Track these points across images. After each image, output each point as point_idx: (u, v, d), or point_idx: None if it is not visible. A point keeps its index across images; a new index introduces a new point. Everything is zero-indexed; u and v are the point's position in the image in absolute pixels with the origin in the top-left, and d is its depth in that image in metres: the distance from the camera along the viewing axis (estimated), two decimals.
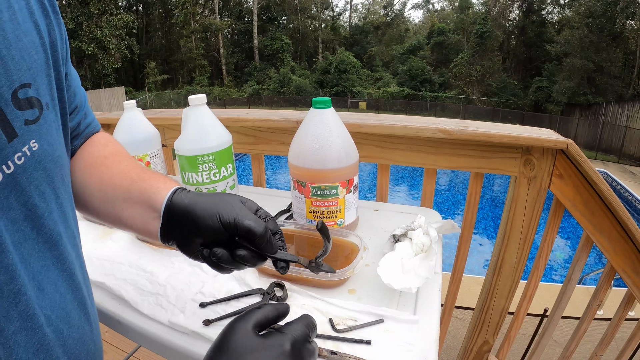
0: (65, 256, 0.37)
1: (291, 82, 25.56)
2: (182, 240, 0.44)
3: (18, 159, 0.31)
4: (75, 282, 0.39)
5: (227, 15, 31.09)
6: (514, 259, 1.01)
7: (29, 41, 0.34)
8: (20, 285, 0.31)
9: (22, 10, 0.34)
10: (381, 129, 0.97)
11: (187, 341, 0.55)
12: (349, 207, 0.78)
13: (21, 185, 0.32)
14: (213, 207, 0.43)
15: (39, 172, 0.34)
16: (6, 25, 0.31)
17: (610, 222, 0.92)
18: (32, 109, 0.33)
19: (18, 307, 0.31)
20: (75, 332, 0.38)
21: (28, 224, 0.33)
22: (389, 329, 0.55)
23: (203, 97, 0.85)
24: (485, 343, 1.16)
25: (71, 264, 0.38)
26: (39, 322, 0.33)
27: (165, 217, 0.44)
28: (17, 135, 0.31)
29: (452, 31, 27.40)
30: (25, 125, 0.32)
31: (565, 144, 0.84)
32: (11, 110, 0.31)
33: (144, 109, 1.06)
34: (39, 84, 0.35)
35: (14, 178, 0.31)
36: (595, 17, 16.97)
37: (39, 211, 0.34)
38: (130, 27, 20.82)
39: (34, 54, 0.34)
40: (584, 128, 15.61)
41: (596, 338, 1.17)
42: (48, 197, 0.35)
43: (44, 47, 0.36)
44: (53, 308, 0.35)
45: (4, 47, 0.31)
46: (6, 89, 0.30)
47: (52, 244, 0.35)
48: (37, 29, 0.35)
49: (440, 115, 20.52)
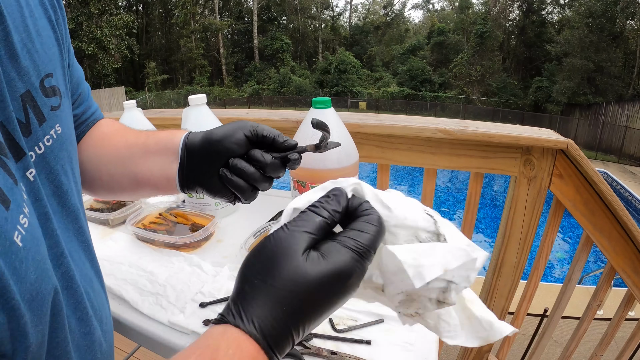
0: (83, 229, 0.41)
1: (291, 82, 25.56)
2: (203, 169, 0.45)
3: (47, 140, 0.35)
4: (92, 253, 0.43)
5: (227, 15, 31.08)
6: (514, 259, 1.01)
7: (46, 35, 0.37)
8: (62, 249, 0.35)
9: (37, 7, 0.37)
10: (381, 129, 0.97)
11: (187, 341, 0.55)
12: None
13: (50, 164, 0.35)
14: (231, 125, 0.45)
15: (63, 152, 0.37)
16: (28, 21, 0.34)
17: (610, 222, 0.92)
18: (55, 96, 0.36)
19: (61, 268, 0.34)
20: (98, 296, 0.41)
21: (55, 199, 0.36)
22: (389, 329, 0.55)
23: (203, 97, 0.85)
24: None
25: (87, 237, 0.42)
26: (77, 282, 0.36)
27: (184, 151, 0.46)
28: (46, 119, 0.34)
29: (452, 31, 27.39)
30: (51, 111, 0.35)
31: (565, 144, 0.84)
32: (40, 97, 0.34)
33: (144, 109, 1.06)
34: (58, 74, 0.38)
35: (44, 158, 0.34)
36: (595, 17, 16.97)
37: (64, 187, 0.37)
38: (130, 27, 20.83)
39: (51, 47, 0.37)
40: (584, 128, 15.61)
41: (596, 338, 1.17)
42: (69, 175, 0.39)
43: (58, 40, 0.39)
44: (81, 274, 0.38)
45: (29, 41, 0.33)
46: (35, 78, 0.33)
47: (73, 218, 0.39)
48: (50, 23, 0.38)
49: (440, 115, 20.52)
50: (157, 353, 0.58)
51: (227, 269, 0.68)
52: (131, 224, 0.81)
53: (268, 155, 0.44)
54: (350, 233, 0.28)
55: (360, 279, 0.28)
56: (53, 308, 0.30)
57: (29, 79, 0.33)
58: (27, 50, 0.33)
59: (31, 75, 0.33)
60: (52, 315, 0.30)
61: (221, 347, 0.24)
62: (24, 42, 0.33)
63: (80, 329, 0.36)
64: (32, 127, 0.33)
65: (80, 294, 0.37)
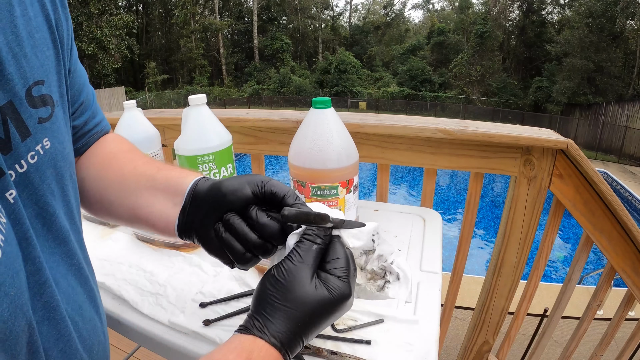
0: (73, 252, 0.38)
1: (291, 82, 25.56)
2: (201, 219, 0.41)
3: (31, 157, 0.31)
4: (84, 276, 0.40)
5: (227, 15, 31.08)
6: (514, 259, 1.01)
7: (40, 37, 0.34)
8: (46, 277, 0.32)
9: (34, 4, 0.34)
10: (381, 129, 0.97)
11: (187, 341, 0.55)
12: (349, 207, 0.78)
13: (34, 183, 0.32)
14: (242, 178, 0.41)
15: (50, 170, 0.34)
16: (18, 22, 0.31)
17: (610, 222, 0.92)
18: (46, 106, 0.33)
19: (42, 298, 0.32)
20: (88, 324, 0.39)
21: (39, 222, 0.33)
22: (389, 329, 0.55)
23: (203, 97, 0.85)
24: (485, 343, 1.16)
25: (79, 259, 0.39)
26: (61, 313, 0.34)
27: (189, 197, 0.42)
28: (31, 134, 0.31)
29: (452, 31, 27.39)
30: (38, 123, 0.32)
31: (565, 144, 0.84)
32: (25, 109, 0.31)
33: (144, 109, 1.06)
34: (51, 80, 0.35)
35: (27, 176, 0.31)
36: (595, 17, 16.97)
37: (50, 209, 0.34)
38: (130, 27, 20.83)
39: (45, 50, 0.34)
40: (584, 128, 15.62)
41: (596, 338, 1.17)
42: (57, 194, 0.35)
43: (55, 42, 0.36)
44: (68, 301, 0.36)
45: (16, 44, 0.30)
46: (20, 87, 0.30)
47: (60, 241, 0.36)
48: (48, 23, 0.35)
49: (440, 115, 20.52)
50: (157, 353, 0.58)
51: (227, 269, 0.68)
52: None
53: (263, 215, 0.39)
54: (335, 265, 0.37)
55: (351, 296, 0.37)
56: (29, 345, 0.28)
57: (12, 88, 0.30)
58: (13, 55, 0.30)
59: (16, 83, 0.30)
60: (28, 353, 0.29)
61: (254, 351, 0.32)
62: (10, 46, 0.30)
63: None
64: (12, 144, 0.30)
65: (65, 325, 0.34)
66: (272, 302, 0.34)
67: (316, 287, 0.35)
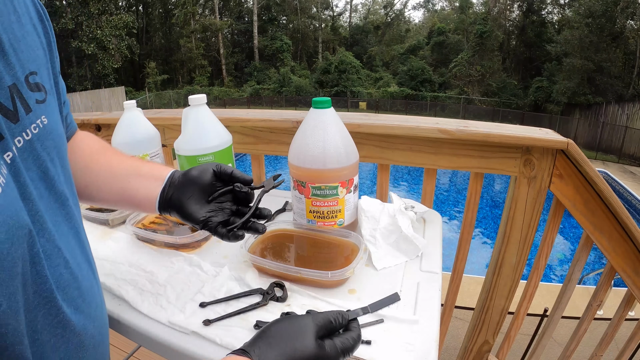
0: (72, 215, 0.43)
1: (291, 82, 25.55)
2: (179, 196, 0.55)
3: (34, 128, 0.38)
4: (81, 239, 0.46)
5: (227, 15, 31.06)
6: (514, 259, 1.01)
7: (31, 40, 0.41)
8: (48, 227, 0.38)
9: (24, 15, 0.41)
10: (381, 129, 0.97)
11: (187, 341, 0.55)
12: (349, 207, 0.78)
13: (37, 150, 0.38)
14: (202, 166, 0.57)
15: (49, 141, 0.40)
16: (14, 26, 0.38)
17: (610, 222, 0.92)
18: (40, 91, 0.40)
19: (44, 236, 0.37)
20: (86, 281, 0.44)
21: (42, 184, 0.39)
22: (389, 329, 0.55)
23: (203, 97, 0.85)
24: (485, 343, 1.16)
25: (77, 223, 0.45)
26: (64, 259, 0.40)
27: (169, 180, 0.56)
28: (32, 110, 0.38)
29: (452, 31, 27.37)
30: (36, 103, 0.39)
31: (565, 143, 0.84)
32: (26, 90, 0.37)
33: (144, 109, 1.06)
34: (42, 73, 0.41)
35: (31, 144, 0.37)
36: (595, 17, 16.95)
37: (50, 173, 0.40)
38: (130, 27, 20.81)
39: (36, 50, 0.41)
40: (584, 128, 15.61)
41: (596, 338, 1.17)
42: (56, 163, 0.41)
43: (42, 45, 0.43)
44: (70, 254, 0.41)
45: (15, 41, 0.37)
46: (20, 73, 0.37)
47: (61, 203, 0.41)
48: (35, 30, 0.42)
49: (440, 115, 20.50)
50: (157, 353, 0.58)
51: (227, 269, 0.68)
52: (131, 224, 0.81)
53: None
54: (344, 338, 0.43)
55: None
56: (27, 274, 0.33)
57: (15, 73, 0.36)
58: (14, 49, 0.37)
59: (17, 70, 0.37)
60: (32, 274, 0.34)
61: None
62: (11, 42, 0.36)
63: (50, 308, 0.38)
64: (19, 115, 0.36)
65: (68, 271, 0.40)
66: (270, 342, 0.39)
67: (317, 344, 0.40)
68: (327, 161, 0.73)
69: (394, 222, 0.75)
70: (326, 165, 0.73)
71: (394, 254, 0.73)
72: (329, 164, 0.73)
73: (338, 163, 0.73)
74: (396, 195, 0.85)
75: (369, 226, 0.76)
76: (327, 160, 0.73)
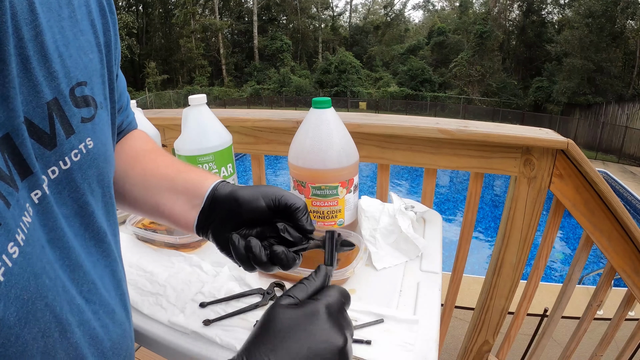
0: (109, 252, 0.38)
1: (291, 82, 25.56)
2: (217, 223, 0.45)
3: (75, 155, 0.31)
4: (117, 278, 0.39)
5: (227, 15, 31.08)
6: (514, 259, 1.01)
7: (85, 40, 0.34)
8: (87, 273, 0.33)
9: (81, 7, 0.34)
10: (381, 129, 0.97)
11: (187, 341, 0.55)
12: (349, 207, 0.78)
13: (75, 181, 0.32)
14: (257, 190, 0.45)
15: (92, 169, 0.34)
16: (65, 23, 0.31)
17: (610, 222, 0.92)
18: (88, 107, 0.33)
19: (83, 289, 0.32)
20: (119, 328, 0.38)
21: (77, 220, 0.33)
22: (389, 329, 0.55)
23: (203, 97, 0.85)
24: (485, 343, 1.16)
25: (114, 260, 0.39)
26: (100, 305, 0.34)
27: (208, 201, 0.45)
28: (75, 132, 0.31)
29: (452, 31, 27.37)
30: (81, 122, 0.32)
31: (565, 144, 0.84)
32: (69, 107, 0.31)
33: (144, 109, 1.06)
34: (94, 83, 0.35)
35: (68, 174, 0.31)
36: (595, 17, 16.96)
37: (89, 208, 0.34)
38: (130, 27, 20.84)
39: (89, 53, 0.34)
40: (584, 128, 15.61)
41: (596, 338, 1.17)
42: (97, 194, 0.35)
43: (99, 47, 0.36)
44: (101, 303, 0.35)
45: (63, 44, 0.30)
46: (64, 86, 0.30)
47: (98, 240, 0.36)
48: (93, 28, 0.35)
49: (440, 115, 20.51)
50: (157, 353, 0.58)
51: (227, 269, 0.68)
52: (131, 224, 0.81)
53: (280, 247, 0.42)
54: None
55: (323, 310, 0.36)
56: (45, 353, 0.27)
57: (58, 85, 0.30)
58: (59, 54, 0.30)
59: (61, 81, 0.30)
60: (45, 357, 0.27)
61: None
62: (57, 44, 0.30)
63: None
64: (57, 140, 0.29)
65: (93, 328, 0.33)
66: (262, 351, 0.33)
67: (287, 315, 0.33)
68: (327, 161, 0.73)
69: (394, 222, 0.75)
70: (326, 165, 0.73)
71: (394, 254, 0.73)
72: (329, 164, 0.73)
73: (338, 163, 0.73)
74: (396, 195, 0.85)
75: (369, 226, 0.76)
76: (327, 160, 0.73)
